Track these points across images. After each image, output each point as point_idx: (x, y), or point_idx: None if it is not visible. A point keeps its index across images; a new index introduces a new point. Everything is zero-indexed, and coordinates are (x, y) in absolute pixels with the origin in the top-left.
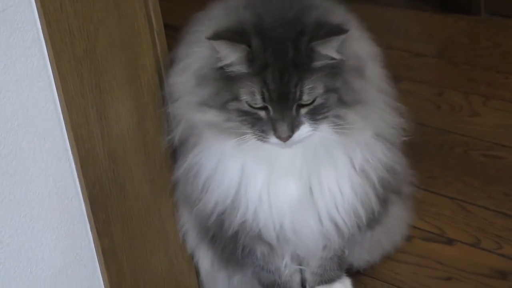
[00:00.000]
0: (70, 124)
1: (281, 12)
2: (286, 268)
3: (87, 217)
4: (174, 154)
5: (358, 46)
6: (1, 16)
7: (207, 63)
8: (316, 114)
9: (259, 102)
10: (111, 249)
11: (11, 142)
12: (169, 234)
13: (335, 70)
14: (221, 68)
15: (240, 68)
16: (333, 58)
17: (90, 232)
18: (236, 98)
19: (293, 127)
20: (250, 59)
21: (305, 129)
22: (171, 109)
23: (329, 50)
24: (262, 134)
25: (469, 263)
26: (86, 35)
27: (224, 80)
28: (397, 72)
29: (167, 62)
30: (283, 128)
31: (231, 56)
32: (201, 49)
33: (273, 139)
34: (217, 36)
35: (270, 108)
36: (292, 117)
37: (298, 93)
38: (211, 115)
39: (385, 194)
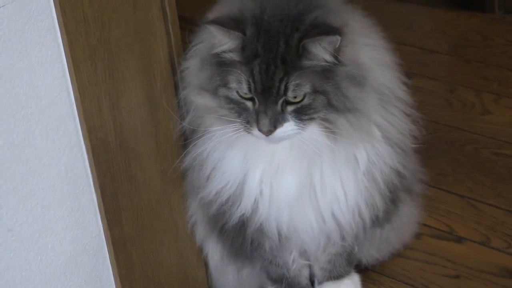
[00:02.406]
0: (83, 114)
1: (285, 8)
2: (294, 263)
3: (98, 206)
4: (185, 144)
5: (362, 54)
6: (17, 4)
7: (208, 47)
8: (302, 113)
9: (245, 92)
10: (121, 239)
11: (24, 131)
12: (179, 226)
13: (327, 73)
14: (216, 53)
15: (232, 56)
16: (326, 61)
17: (100, 222)
18: (226, 85)
19: (276, 123)
20: (242, 48)
21: (289, 127)
22: (182, 94)
23: (319, 50)
24: (247, 126)
25: (478, 262)
26: (101, 25)
27: (218, 66)
28: (409, 68)
29: (180, 54)
30: (265, 121)
31: (225, 43)
32: (210, 34)
33: (256, 132)
34: (212, 22)
35: (256, 100)
36: (276, 112)
37: (282, 88)
38: (208, 100)
39: (393, 195)
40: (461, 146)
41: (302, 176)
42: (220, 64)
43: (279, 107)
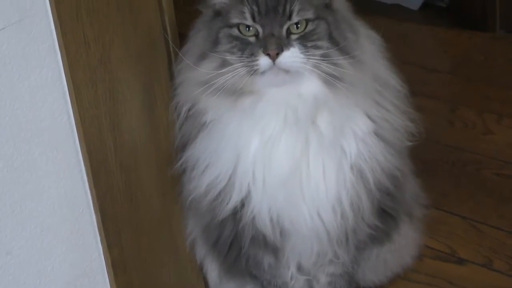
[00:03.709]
0: (83, 135)
1: None
2: (293, 279)
3: (98, 228)
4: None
5: (354, 21)
6: (18, 26)
7: (201, 37)
8: (307, 40)
9: (248, 21)
10: (121, 261)
11: (24, 153)
12: (179, 247)
13: (327, 8)
14: (213, 8)
15: None
16: None
17: (100, 244)
18: (227, 25)
19: (282, 44)
20: None
21: (295, 53)
22: (176, 97)
23: None
24: (250, 59)
25: (480, 284)
26: (101, 45)
27: (215, 16)
28: (410, 87)
29: None
30: (272, 41)
31: None
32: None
33: (262, 59)
34: None
35: (259, 28)
36: (281, 35)
37: (288, 9)
38: (207, 66)
39: (386, 206)
40: (463, 167)
41: (296, 158)
42: (218, 13)
43: (284, 31)
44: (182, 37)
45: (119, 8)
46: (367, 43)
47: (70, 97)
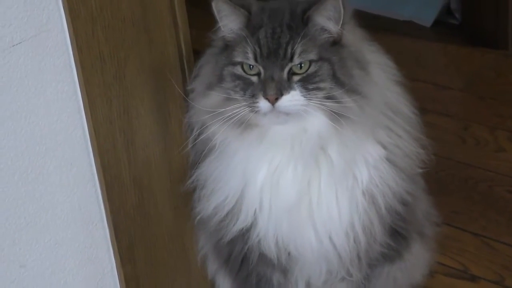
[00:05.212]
0: (98, 150)
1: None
2: None
3: (111, 242)
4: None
5: (364, 48)
6: (34, 40)
7: (211, 64)
8: (308, 82)
9: (251, 62)
10: (134, 276)
11: (39, 166)
12: (191, 262)
13: (332, 46)
14: (222, 40)
15: (237, 31)
16: (330, 32)
17: (113, 258)
18: (231, 62)
19: (282, 89)
20: (247, 23)
21: (295, 96)
22: (187, 118)
23: (323, 19)
24: (252, 100)
25: None
26: (116, 61)
27: (222, 51)
28: (422, 105)
29: None
30: (271, 85)
31: (231, 20)
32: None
33: (262, 102)
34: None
35: (261, 68)
36: (282, 79)
37: (289, 51)
38: (214, 97)
39: (397, 226)
40: (475, 184)
41: (303, 185)
42: (225, 47)
43: (285, 74)
44: (196, 54)
45: (134, 25)
46: (379, 71)
47: (85, 112)
